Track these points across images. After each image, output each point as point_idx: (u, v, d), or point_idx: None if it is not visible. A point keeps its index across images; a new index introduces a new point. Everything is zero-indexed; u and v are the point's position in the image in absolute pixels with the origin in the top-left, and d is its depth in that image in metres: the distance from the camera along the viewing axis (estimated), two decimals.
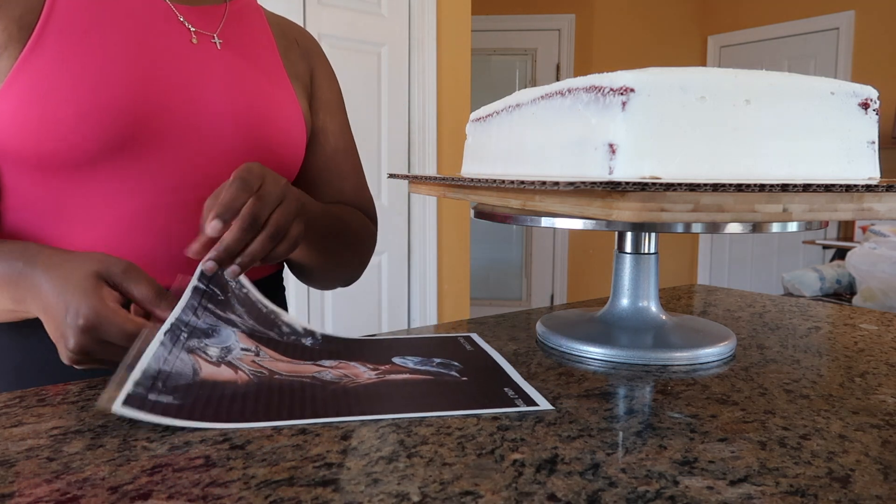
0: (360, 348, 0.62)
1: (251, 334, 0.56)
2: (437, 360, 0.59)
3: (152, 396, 0.44)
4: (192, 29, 0.68)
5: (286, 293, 0.84)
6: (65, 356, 0.51)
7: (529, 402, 0.49)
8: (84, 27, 0.60)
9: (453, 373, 0.56)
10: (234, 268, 0.55)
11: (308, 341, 0.61)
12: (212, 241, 0.53)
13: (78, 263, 0.52)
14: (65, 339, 0.50)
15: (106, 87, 0.59)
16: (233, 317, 0.56)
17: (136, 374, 0.45)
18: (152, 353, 0.47)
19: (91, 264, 0.52)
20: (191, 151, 0.65)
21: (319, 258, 0.74)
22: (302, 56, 0.81)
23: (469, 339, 0.67)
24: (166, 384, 0.46)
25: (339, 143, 0.84)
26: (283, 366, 0.54)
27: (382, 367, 0.56)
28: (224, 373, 0.50)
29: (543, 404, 0.49)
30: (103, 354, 0.51)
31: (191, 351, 0.50)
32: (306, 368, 0.55)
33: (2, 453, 0.39)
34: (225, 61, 0.70)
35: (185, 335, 0.50)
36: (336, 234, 0.74)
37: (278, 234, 0.56)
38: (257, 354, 0.54)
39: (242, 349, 0.54)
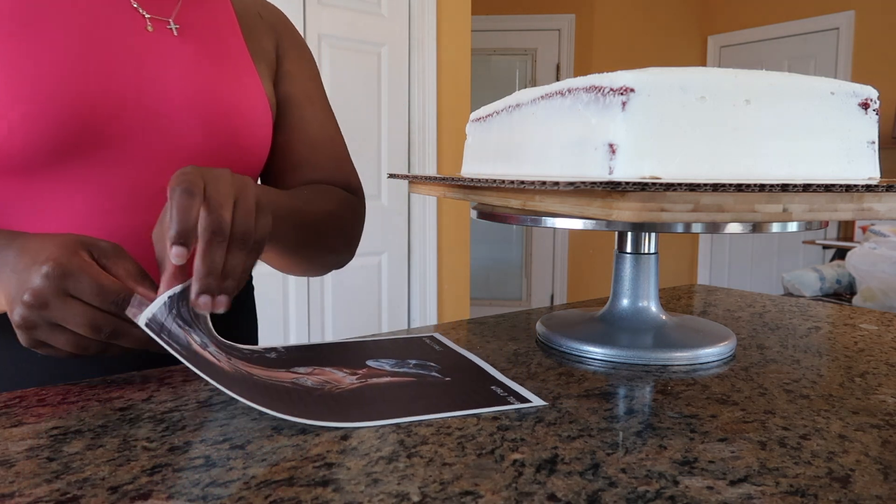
0: (328, 353, 0.60)
1: (217, 345, 0.55)
2: (413, 362, 0.58)
3: (164, 335, 0.45)
4: (147, 15, 0.63)
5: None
6: (16, 315, 0.46)
7: (522, 399, 0.49)
8: (22, 21, 0.55)
9: (434, 374, 0.55)
10: (220, 298, 0.47)
11: (272, 355, 0.59)
12: (178, 268, 0.48)
13: (61, 235, 0.49)
14: (22, 290, 0.45)
15: (47, 87, 0.55)
16: (200, 327, 0.54)
17: (149, 311, 0.46)
18: (159, 305, 0.46)
19: (76, 236, 0.49)
20: (150, 148, 0.61)
21: (296, 251, 0.68)
22: (267, 30, 0.76)
23: (433, 338, 0.66)
24: (170, 336, 0.46)
25: (307, 112, 0.77)
26: (259, 371, 0.52)
27: (360, 372, 0.55)
28: (208, 356, 0.49)
29: (536, 401, 0.48)
30: (61, 316, 0.45)
31: (179, 327, 0.49)
32: (283, 375, 0.53)
33: (2, 453, 0.39)
34: (183, 49, 0.65)
35: (175, 313, 0.49)
36: (310, 223, 0.68)
37: (248, 237, 0.49)
38: (229, 360, 0.52)
39: (216, 350, 0.52)
